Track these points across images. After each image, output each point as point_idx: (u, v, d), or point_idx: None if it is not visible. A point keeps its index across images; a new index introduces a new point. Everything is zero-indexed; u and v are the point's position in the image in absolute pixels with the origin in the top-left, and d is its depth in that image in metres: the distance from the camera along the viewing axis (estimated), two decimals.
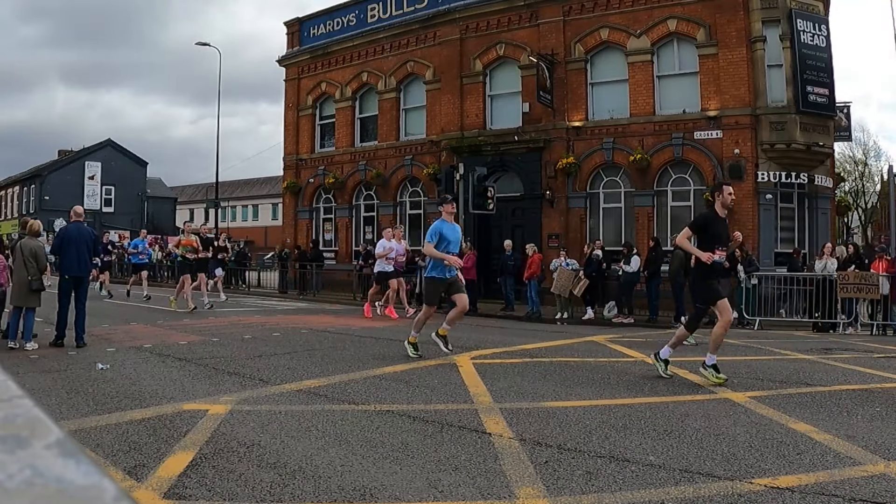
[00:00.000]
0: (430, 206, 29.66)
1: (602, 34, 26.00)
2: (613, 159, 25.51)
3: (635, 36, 25.19)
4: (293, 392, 8.25)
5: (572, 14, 26.59)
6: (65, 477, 0.78)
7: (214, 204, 46.12)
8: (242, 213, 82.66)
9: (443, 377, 9.44)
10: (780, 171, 23.03)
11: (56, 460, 0.80)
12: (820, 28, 23.47)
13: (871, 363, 11.55)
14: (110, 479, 0.81)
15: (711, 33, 23.91)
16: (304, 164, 35.47)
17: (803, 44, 23.01)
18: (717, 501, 4.67)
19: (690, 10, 24.38)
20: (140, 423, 6.63)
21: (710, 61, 24.04)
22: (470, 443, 6.07)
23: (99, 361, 10.05)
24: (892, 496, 4.71)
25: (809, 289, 19.36)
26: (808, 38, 23.15)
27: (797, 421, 6.90)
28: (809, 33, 23.18)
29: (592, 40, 26.24)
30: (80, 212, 13.15)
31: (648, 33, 25.03)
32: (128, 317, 18.11)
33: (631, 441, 6.17)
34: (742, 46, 23.38)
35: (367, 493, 4.84)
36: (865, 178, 65.20)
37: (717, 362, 9.20)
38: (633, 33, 25.22)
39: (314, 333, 14.85)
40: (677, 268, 19.69)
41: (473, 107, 28.84)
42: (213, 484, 4.95)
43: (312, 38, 35.59)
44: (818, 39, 23.35)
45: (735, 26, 23.51)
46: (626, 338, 15.21)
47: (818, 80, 23.13)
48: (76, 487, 0.77)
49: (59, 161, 64.56)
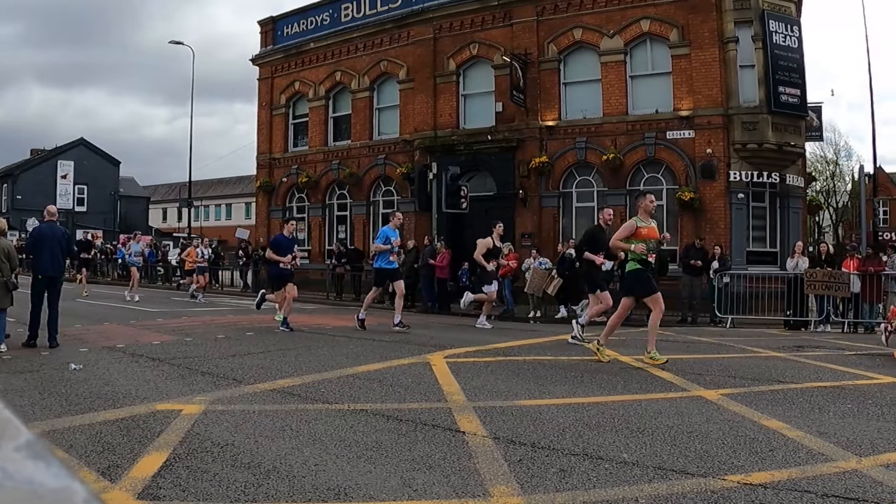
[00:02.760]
0: (402, 205, 29.63)
1: (575, 34, 26.09)
2: (586, 159, 25.60)
3: (608, 36, 25.30)
4: (267, 392, 8.21)
5: (546, 14, 26.66)
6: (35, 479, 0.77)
7: (187, 203, 45.85)
8: (216, 212, 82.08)
9: (416, 376, 9.43)
10: (752, 170, 23.20)
11: (26, 462, 0.79)
12: (792, 29, 23.66)
13: (843, 360, 11.63)
14: (80, 481, 0.80)
15: (684, 34, 24.06)
16: (277, 163, 35.36)
17: (775, 44, 23.20)
18: (691, 498, 4.68)
19: (663, 10, 24.52)
20: (113, 423, 6.57)
21: (683, 61, 24.18)
22: (444, 441, 6.05)
23: (72, 362, 9.94)
24: (864, 492, 4.75)
25: (781, 287, 19.53)
26: (780, 39, 23.34)
27: (769, 418, 6.93)
28: (781, 34, 23.38)
29: (566, 40, 26.33)
30: (53, 211, 13.02)
31: (621, 33, 25.15)
32: (101, 317, 17.96)
33: (604, 439, 6.17)
34: (714, 47, 23.54)
35: (341, 492, 4.81)
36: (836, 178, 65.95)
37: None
38: (607, 33, 25.32)
39: (288, 333, 14.78)
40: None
41: (447, 106, 28.85)
42: (188, 484, 4.91)
43: (286, 37, 35.47)
44: (790, 40, 23.55)
45: (708, 27, 23.66)
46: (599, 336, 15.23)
47: (790, 81, 23.32)
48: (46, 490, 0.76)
49: (31, 160, 64.14)
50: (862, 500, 4.60)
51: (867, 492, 4.75)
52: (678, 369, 10.13)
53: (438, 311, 22.91)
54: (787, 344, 13.77)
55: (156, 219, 77.50)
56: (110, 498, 4.59)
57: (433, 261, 23.07)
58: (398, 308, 15.92)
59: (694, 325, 19.01)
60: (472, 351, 12.15)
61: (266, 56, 36.23)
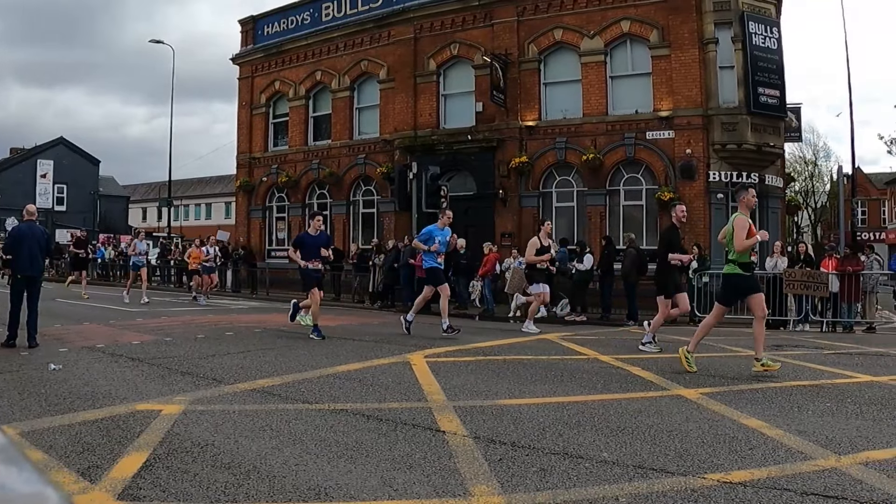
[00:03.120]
0: (382, 204, 29.65)
1: (556, 34, 26.16)
2: (566, 159, 25.68)
3: (588, 37, 25.38)
4: (247, 391, 8.17)
5: (526, 14, 26.71)
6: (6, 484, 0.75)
7: (167, 203, 45.68)
8: (195, 211, 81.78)
9: (396, 376, 9.40)
10: (732, 170, 23.33)
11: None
12: (771, 31, 23.80)
13: (822, 360, 11.71)
14: (53, 486, 0.78)
15: (664, 35, 24.16)
16: (257, 162, 35.27)
17: (755, 46, 23.33)
18: (671, 497, 4.69)
19: (643, 11, 24.62)
20: (93, 423, 6.51)
21: (663, 62, 24.29)
22: (424, 441, 6.04)
23: (51, 362, 9.86)
24: (844, 490, 4.78)
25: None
26: (760, 41, 23.48)
27: (749, 417, 6.96)
28: (761, 35, 23.51)
29: (546, 40, 26.39)
30: (33, 210, 12.90)
31: (602, 34, 25.24)
32: (80, 316, 17.83)
33: (584, 438, 6.17)
34: (694, 48, 23.66)
35: (321, 492, 4.79)
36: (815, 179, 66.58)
37: None
38: (587, 34, 25.40)
39: (267, 333, 14.74)
40: (629, 266, 19.90)
41: (427, 106, 28.85)
42: (168, 485, 4.87)
43: (267, 36, 35.40)
44: (769, 42, 23.68)
45: (687, 28, 23.78)
46: (579, 336, 15.27)
47: (769, 82, 23.46)
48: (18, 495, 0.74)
49: (10, 159, 63.73)
50: (841, 497, 4.62)
51: (846, 490, 4.77)
52: (658, 368, 10.17)
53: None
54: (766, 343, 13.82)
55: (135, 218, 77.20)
56: (90, 499, 4.55)
57: (413, 260, 23.02)
58: (444, 310, 14.80)
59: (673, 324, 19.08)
60: (453, 350, 12.15)
61: (246, 55, 36.12)
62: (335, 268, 28.12)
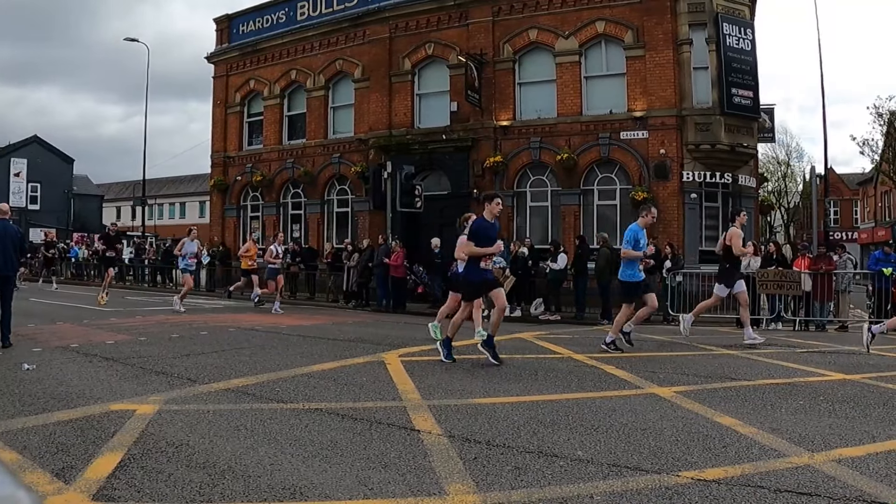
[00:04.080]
0: (357, 203, 29.58)
1: (531, 35, 26.19)
2: (540, 158, 25.72)
3: (564, 37, 25.43)
4: (221, 391, 8.11)
5: (501, 14, 26.74)
6: None
7: (141, 202, 45.40)
8: (170, 210, 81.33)
9: (371, 375, 9.37)
10: (705, 171, 23.46)
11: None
12: (745, 32, 23.96)
13: (795, 358, 11.77)
14: (26, 489, 0.75)
15: (639, 35, 24.26)
16: (231, 161, 35.07)
17: (729, 47, 23.47)
18: (646, 495, 4.69)
19: (619, 12, 24.71)
20: (67, 424, 6.44)
21: (638, 63, 24.38)
22: (399, 440, 6.01)
23: (25, 362, 9.75)
24: (817, 487, 4.79)
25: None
26: (734, 42, 23.63)
27: (722, 415, 6.98)
28: (735, 37, 23.66)
29: (521, 41, 26.42)
30: (6, 209, 12.71)
31: (577, 35, 25.30)
32: (54, 316, 17.68)
33: (559, 436, 6.17)
34: (669, 49, 23.76)
35: (296, 491, 4.76)
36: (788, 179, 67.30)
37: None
38: (562, 34, 25.45)
39: (242, 332, 14.65)
40: (603, 265, 19.97)
41: (402, 105, 28.81)
42: (142, 485, 4.82)
43: (242, 35, 35.19)
44: (743, 43, 23.83)
45: (662, 29, 23.88)
46: (554, 334, 15.29)
47: (743, 83, 23.62)
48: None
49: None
50: (815, 494, 4.63)
51: (819, 487, 4.79)
52: (632, 367, 10.19)
53: (393, 309, 22.86)
54: (739, 342, 13.89)
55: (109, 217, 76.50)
56: (65, 500, 4.52)
57: (388, 259, 23.00)
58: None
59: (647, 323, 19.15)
60: (427, 350, 12.11)
61: (221, 54, 35.90)
62: (309, 267, 28.13)
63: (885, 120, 47.77)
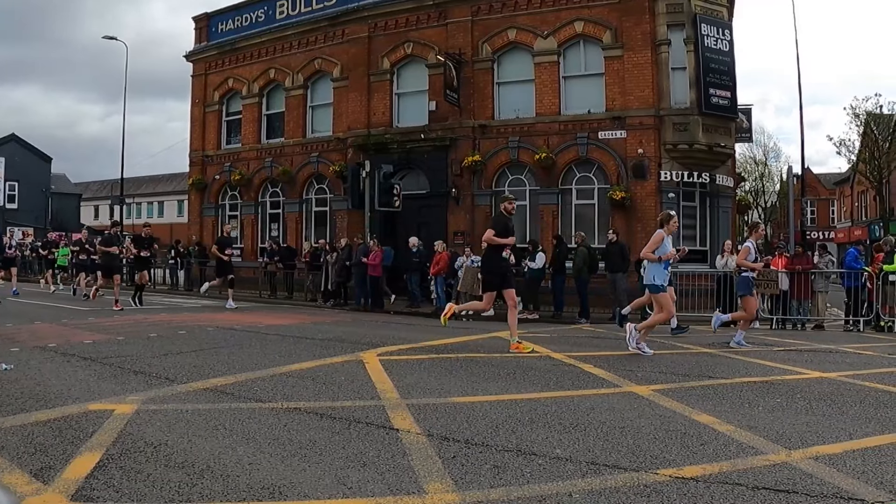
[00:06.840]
0: (335, 202, 29.52)
1: (510, 34, 26.21)
2: (519, 158, 25.75)
3: (542, 37, 25.46)
4: (200, 391, 8.06)
5: (480, 14, 26.73)
6: None
7: (119, 201, 45.10)
8: (148, 209, 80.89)
9: (349, 374, 9.34)
10: (683, 170, 23.56)
11: None
12: (723, 33, 24.07)
13: (772, 356, 11.85)
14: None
15: (617, 36, 24.33)
16: (210, 160, 34.89)
17: (707, 47, 23.56)
18: (624, 492, 4.69)
19: (597, 12, 24.78)
20: (45, 424, 6.38)
21: (616, 63, 24.44)
22: (378, 439, 5.99)
23: (3, 362, 9.63)
24: (794, 484, 4.81)
25: (711, 285, 19.86)
26: (712, 42, 23.73)
27: (700, 412, 7.01)
28: (713, 38, 23.76)
29: (500, 40, 26.43)
30: None
31: (556, 34, 25.33)
32: (32, 316, 17.56)
33: (538, 435, 6.17)
34: (647, 49, 23.84)
35: (275, 491, 4.73)
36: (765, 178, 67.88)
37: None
38: (541, 34, 25.48)
39: (220, 331, 14.57)
40: (581, 264, 20.03)
41: (380, 105, 28.75)
42: (121, 485, 4.78)
43: (221, 33, 35.01)
44: (721, 44, 23.94)
45: (640, 29, 23.95)
46: (532, 333, 15.28)
47: (720, 83, 23.73)
48: None
49: None
50: (792, 491, 4.66)
51: (797, 484, 4.81)
52: (609, 365, 10.22)
53: (371, 308, 22.84)
54: (716, 340, 13.97)
55: (87, 216, 76.13)
56: (44, 500, 4.47)
57: (366, 259, 22.96)
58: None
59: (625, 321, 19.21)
60: (406, 349, 12.10)
61: (200, 53, 35.69)
62: (288, 266, 28.06)
63: (861, 121, 48.22)
